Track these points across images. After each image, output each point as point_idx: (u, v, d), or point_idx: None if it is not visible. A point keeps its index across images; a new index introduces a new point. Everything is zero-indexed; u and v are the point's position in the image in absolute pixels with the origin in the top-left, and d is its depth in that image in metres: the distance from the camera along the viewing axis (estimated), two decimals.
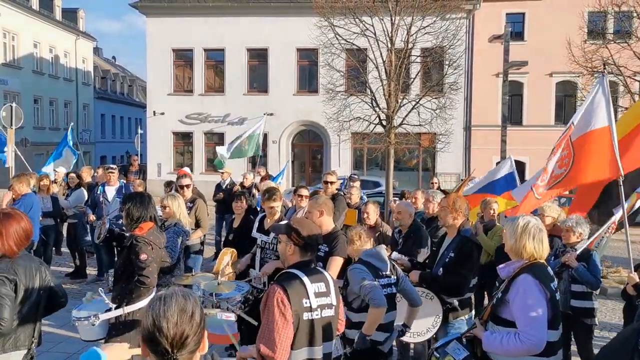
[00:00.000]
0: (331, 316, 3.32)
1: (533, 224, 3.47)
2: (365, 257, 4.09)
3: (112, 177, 9.25)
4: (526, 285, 3.29)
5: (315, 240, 3.35)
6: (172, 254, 5.46)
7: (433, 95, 14.04)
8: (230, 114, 28.12)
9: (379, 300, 3.87)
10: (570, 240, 5.61)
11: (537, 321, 3.24)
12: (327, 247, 4.97)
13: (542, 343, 3.23)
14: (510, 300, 3.33)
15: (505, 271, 3.49)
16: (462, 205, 4.99)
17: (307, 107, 26.24)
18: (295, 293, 3.13)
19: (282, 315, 3.08)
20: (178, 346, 1.79)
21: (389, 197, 13.09)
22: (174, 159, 29.27)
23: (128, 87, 53.28)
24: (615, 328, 7.84)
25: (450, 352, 3.54)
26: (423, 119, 13.50)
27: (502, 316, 3.41)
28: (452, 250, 4.93)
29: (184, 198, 7.15)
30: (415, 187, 24.24)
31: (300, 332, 3.14)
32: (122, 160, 43.40)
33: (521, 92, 26.56)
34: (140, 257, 4.37)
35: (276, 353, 3.06)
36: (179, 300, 1.83)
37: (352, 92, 15.04)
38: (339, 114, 14.19)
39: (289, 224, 3.48)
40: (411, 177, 27.33)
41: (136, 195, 4.83)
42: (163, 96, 28.52)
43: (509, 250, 3.53)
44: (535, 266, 3.39)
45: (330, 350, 3.34)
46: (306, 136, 28.94)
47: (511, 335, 3.28)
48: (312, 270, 3.34)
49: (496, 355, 3.42)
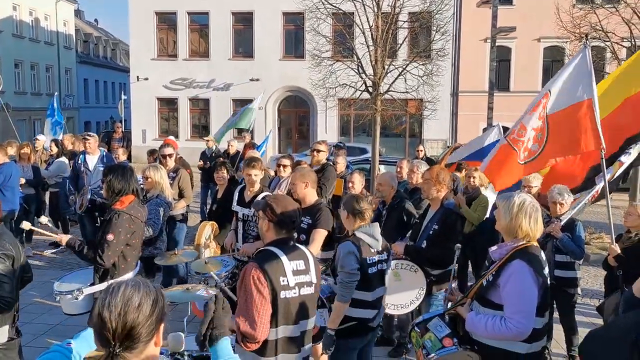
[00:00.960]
0: (310, 294, 3.30)
1: (529, 203, 3.37)
2: (359, 233, 4.01)
3: (89, 145, 9.00)
4: (520, 272, 3.21)
5: (290, 217, 3.28)
6: (155, 225, 5.40)
7: (420, 61, 13.85)
8: (216, 79, 27.75)
9: (346, 298, 3.85)
10: (561, 212, 5.61)
11: (527, 309, 3.20)
12: (310, 220, 4.93)
13: (528, 331, 3.20)
14: (501, 285, 3.26)
15: (497, 253, 3.40)
16: (445, 178, 4.97)
17: (293, 72, 25.92)
18: (272, 271, 3.11)
19: (259, 293, 3.06)
20: (121, 338, 1.75)
21: (375, 165, 13.04)
22: (159, 125, 28.96)
23: (111, 51, 52.23)
24: (597, 294, 7.96)
25: (432, 328, 3.48)
26: (410, 85, 13.34)
27: (489, 298, 3.35)
28: (435, 222, 4.93)
29: (167, 168, 7.05)
30: (402, 154, 24.28)
31: (277, 310, 3.12)
32: (106, 126, 42.85)
33: (509, 57, 26.40)
34: (107, 236, 4.28)
35: (256, 331, 3.05)
36: (126, 291, 1.79)
37: (338, 57, 14.79)
38: (325, 80, 13.99)
39: (265, 200, 3.43)
40: (398, 144, 27.32)
41: (117, 167, 4.73)
42: (146, 61, 28.02)
43: (502, 229, 3.42)
44: (529, 251, 3.31)
45: (308, 328, 3.33)
46: (292, 102, 28.70)
47: (497, 320, 3.23)
48: (291, 247, 3.31)
49: (477, 335, 3.39)
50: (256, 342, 3.09)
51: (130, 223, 4.42)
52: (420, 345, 3.48)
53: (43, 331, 6.18)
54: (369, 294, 4.01)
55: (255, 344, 3.10)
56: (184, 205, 7.44)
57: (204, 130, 27.31)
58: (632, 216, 5.40)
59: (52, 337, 5.95)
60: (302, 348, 3.29)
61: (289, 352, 3.21)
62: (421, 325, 3.56)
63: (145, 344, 1.80)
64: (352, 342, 4.00)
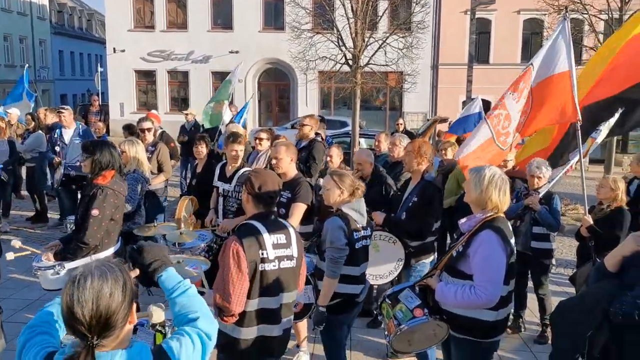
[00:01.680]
0: (291, 267, 3.36)
1: (499, 175, 3.46)
2: (346, 209, 4.02)
3: (64, 118, 8.82)
4: (489, 241, 3.30)
5: (268, 193, 3.32)
6: (132, 201, 5.38)
7: (400, 33, 13.80)
8: (194, 51, 27.35)
9: (335, 273, 3.89)
10: (538, 185, 5.70)
11: (495, 277, 3.28)
12: (290, 194, 4.96)
13: (496, 298, 3.29)
14: (471, 255, 3.34)
15: (466, 225, 3.48)
16: (427, 151, 4.99)
17: (273, 44, 25.64)
18: (251, 244, 3.16)
19: (236, 267, 3.11)
20: (98, 329, 1.74)
21: (355, 138, 13.07)
22: (137, 98, 28.56)
23: (87, 22, 51.01)
24: (570, 264, 8.15)
25: (403, 299, 3.54)
26: (390, 58, 13.33)
27: (459, 268, 3.43)
28: (415, 195, 4.96)
29: (146, 142, 6.98)
30: (383, 127, 24.31)
31: (255, 282, 3.18)
32: (83, 99, 42.09)
33: (489, 29, 26.39)
34: (92, 212, 4.26)
35: (231, 304, 3.11)
36: (94, 283, 1.75)
37: (318, 30, 14.67)
38: (305, 52, 13.90)
39: (247, 173, 3.47)
40: (378, 117, 27.34)
41: (104, 144, 4.69)
42: (123, 32, 27.47)
43: (472, 201, 3.49)
44: (497, 222, 3.39)
45: (288, 301, 3.38)
46: (272, 75, 28.44)
47: (466, 288, 3.32)
48: (272, 221, 3.35)
49: (448, 305, 3.47)
50: (232, 316, 3.16)
51: (115, 198, 4.42)
52: (392, 316, 3.55)
53: (22, 307, 6.17)
54: (357, 269, 4.06)
55: (231, 317, 3.16)
56: (163, 180, 7.40)
57: (183, 104, 27.04)
58: (605, 188, 5.51)
59: (31, 313, 5.94)
60: (282, 320, 3.35)
61: (268, 322, 3.27)
62: (392, 297, 3.62)
63: (122, 328, 1.81)
64: (342, 317, 4.06)
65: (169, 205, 8.80)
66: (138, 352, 1.86)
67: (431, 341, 3.64)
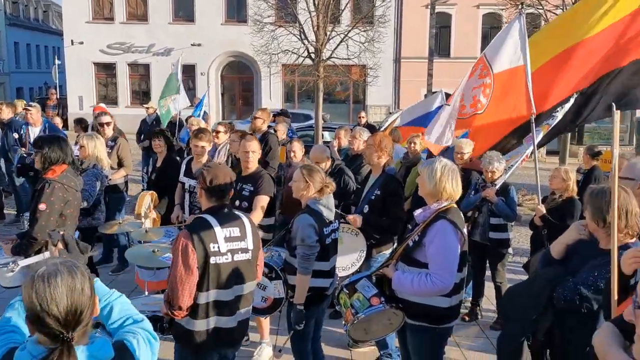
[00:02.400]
0: (245, 260, 3.39)
1: (450, 166, 3.58)
2: (314, 205, 4.03)
3: (31, 116, 8.63)
4: (444, 230, 3.41)
5: (219, 187, 3.35)
6: (89, 197, 5.32)
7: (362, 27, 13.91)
8: (155, 44, 26.93)
9: (308, 270, 3.92)
10: (493, 178, 5.86)
11: (449, 265, 3.40)
12: (252, 187, 4.99)
13: (451, 285, 3.40)
14: (427, 244, 3.45)
15: (422, 216, 3.57)
16: (387, 145, 5.06)
17: (236, 37, 25.44)
18: (201, 238, 3.19)
19: (184, 263, 3.15)
20: (73, 325, 1.76)
21: (318, 131, 13.14)
22: (97, 92, 27.98)
23: (43, 13, 49.57)
24: (527, 253, 8.37)
25: (360, 289, 3.61)
26: (352, 52, 13.43)
27: (415, 257, 3.53)
28: (377, 188, 5.03)
29: (105, 137, 6.88)
30: (346, 120, 24.45)
31: (207, 275, 3.21)
32: (40, 92, 40.97)
33: (449, 24, 26.77)
34: (39, 206, 4.19)
35: (179, 300, 3.16)
36: (65, 279, 1.76)
37: (281, 23, 14.66)
38: (267, 46, 13.87)
39: (200, 168, 3.52)
40: (342, 110, 27.47)
41: (53, 138, 4.61)
42: (81, 24, 26.84)
43: (427, 193, 3.58)
44: (451, 212, 3.51)
45: (244, 293, 3.42)
46: (236, 68, 28.24)
47: (422, 276, 3.42)
48: (225, 214, 3.38)
49: (403, 293, 3.56)
50: (180, 310, 3.20)
51: (64, 192, 4.32)
52: (349, 305, 3.62)
53: None
54: (327, 264, 4.10)
55: (180, 311, 3.20)
56: (124, 175, 7.33)
57: (145, 97, 26.61)
58: (557, 179, 5.71)
59: None
60: (237, 312, 3.40)
61: (221, 314, 3.32)
62: (349, 287, 3.69)
63: (88, 322, 1.83)
64: (311, 311, 4.09)
65: (129, 201, 8.71)
66: (100, 347, 1.87)
67: (387, 329, 3.74)
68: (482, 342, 5.66)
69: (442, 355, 3.79)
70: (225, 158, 6.58)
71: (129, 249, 4.76)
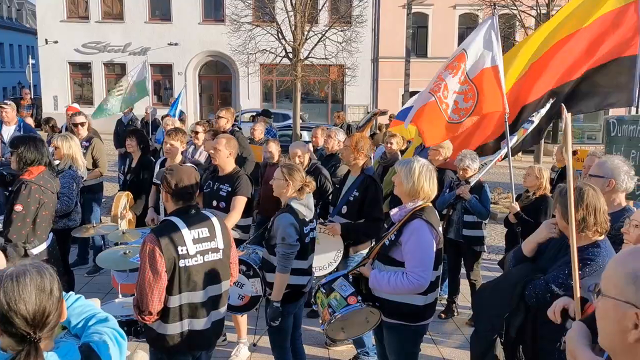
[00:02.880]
0: (217, 260, 3.38)
1: (427, 166, 3.62)
2: (295, 205, 4.04)
3: (6, 114, 8.45)
4: (420, 229, 3.45)
5: (185, 189, 3.32)
6: (69, 201, 5.27)
7: (339, 27, 13.96)
8: (132, 43, 26.65)
9: (287, 269, 3.94)
10: (466, 176, 5.94)
11: (426, 263, 3.44)
12: (229, 187, 4.99)
13: (427, 283, 3.45)
14: (403, 242, 3.48)
15: (397, 215, 3.60)
16: (364, 146, 5.07)
17: (214, 37, 25.32)
18: (168, 241, 3.16)
19: (151, 267, 3.12)
20: (40, 326, 1.74)
21: (296, 131, 13.14)
22: (72, 91, 27.61)
23: (16, 12, 48.75)
24: (502, 251, 8.49)
25: (337, 288, 3.63)
26: (329, 51, 13.46)
27: (391, 256, 3.55)
28: (355, 189, 5.05)
29: (79, 137, 6.80)
30: (325, 120, 24.49)
31: (177, 278, 3.18)
32: (14, 92, 40.25)
33: (426, 24, 26.97)
34: (15, 207, 4.16)
35: (148, 305, 3.13)
36: (34, 279, 1.74)
37: (258, 23, 14.63)
38: (245, 45, 13.83)
39: (163, 171, 3.48)
40: (321, 110, 27.50)
41: (29, 138, 4.56)
42: (55, 23, 26.46)
43: (403, 192, 3.60)
44: (426, 211, 3.54)
45: (218, 292, 3.42)
46: (213, 67, 28.09)
47: (399, 275, 3.45)
48: (193, 216, 3.35)
49: (380, 292, 3.58)
50: (150, 315, 3.18)
51: (40, 194, 4.30)
52: (326, 304, 3.64)
53: None
54: (305, 262, 4.13)
55: (150, 316, 3.18)
56: (99, 175, 7.26)
57: None
58: (530, 176, 5.81)
59: None
60: (212, 312, 3.38)
61: (195, 316, 3.30)
62: (326, 286, 3.72)
63: (55, 326, 1.81)
64: (288, 308, 4.11)
65: (105, 201, 8.62)
66: (67, 352, 1.85)
67: (364, 328, 3.77)
68: (458, 339, 5.72)
69: (418, 353, 3.83)
70: (205, 158, 6.55)
71: (100, 254, 4.72)
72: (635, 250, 1.36)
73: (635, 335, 1.25)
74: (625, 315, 1.27)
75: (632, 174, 3.57)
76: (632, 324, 1.25)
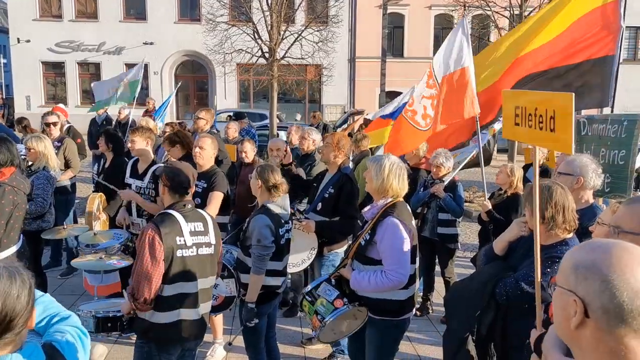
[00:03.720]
0: (209, 254, 3.50)
1: (397, 164, 3.65)
2: (271, 206, 4.05)
3: None
4: (393, 227, 3.49)
5: (182, 183, 3.49)
6: (44, 202, 5.20)
7: (316, 27, 13.98)
8: (106, 42, 26.34)
9: (262, 270, 3.96)
10: (439, 174, 6.01)
11: (403, 260, 3.49)
12: (205, 183, 5.00)
13: (406, 279, 3.50)
14: (378, 241, 3.52)
15: (370, 213, 3.65)
16: (345, 145, 5.09)
17: (189, 36, 25.15)
18: (168, 231, 3.28)
19: (152, 256, 3.22)
20: (1, 330, 1.72)
21: (273, 131, 13.13)
22: (45, 91, 27.19)
23: None
24: (476, 248, 8.60)
25: (322, 294, 3.66)
26: (306, 51, 13.47)
27: (369, 255, 3.60)
28: (331, 186, 5.06)
29: (52, 137, 6.71)
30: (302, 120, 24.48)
31: (173, 268, 3.29)
32: None
33: (402, 24, 27.15)
34: None
35: (144, 292, 3.22)
36: (3, 282, 1.72)
37: (234, 22, 14.57)
38: (221, 45, 13.76)
39: (162, 167, 3.67)
40: (298, 109, 27.48)
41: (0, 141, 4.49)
42: (27, 21, 26.03)
43: (373, 189, 3.65)
44: (398, 207, 3.58)
45: (206, 286, 3.51)
46: (190, 67, 27.91)
47: (378, 274, 3.50)
48: (189, 210, 3.48)
49: (362, 291, 3.63)
50: (147, 304, 3.24)
51: (14, 195, 4.28)
52: (314, 312, 3.66)
53: None
54: (280, 263, 4.15)
55: (146, 305, 3.25)
56: (72, 176, 7.16)
57: None
58: (502, 174, 5.89)
59: None
60: (200, 304, 3.46)
61: (186, 307, 3.39)
62: (310, 294, 3.75)
63: (19, 332, 1.78)
64: (262, 308, 4.11)
65: (79, 202, 8.52)
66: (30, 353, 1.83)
67: (354, 325, 3.77)
68: (433, 336, 5.78)
69: (397, 348, 3.87)
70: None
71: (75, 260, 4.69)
72: (585, 244, 1.42)
73: (575, 321, 1.31)
74: (568, 303, 1.33)
75: (599, 172, 3.64)
76: (573, 311, 1.31)
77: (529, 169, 7.56)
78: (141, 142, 5.41)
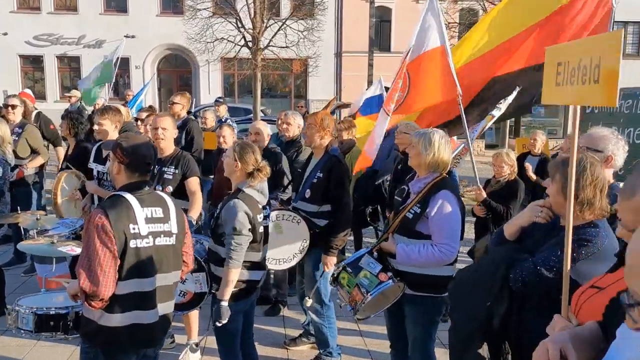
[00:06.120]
0: (170, 245, 2.95)
1: (445, 137, 3.58)
2: (248, 190, 3.61)
3: None
4: (449, 200, 3.43)
5: (144, 158, 2.90)
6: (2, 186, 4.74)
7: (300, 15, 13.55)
8: (86, 35, 25.69)
9: (239, 262, 3.53)
10: None
11: (455, 234, 3.46)
12: (174, 169, 4.54)
13: (455, 254, 3.48)
14: (430, 215, 3.43)
15: (417, 186, 3.56)
16: (330, 124, 4.62)
17: (172, 29, 24.51)
18: (118, 217, 2.72)
19: (103, 244, 2.68)
20: None
21: None
22: (23, 85, 26.34)
23: None
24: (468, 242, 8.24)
25: (365, 266, 3.55)
26: (290, 40, 13.02)
27: (417, 230, 3.49)
28: (319, 170, 4.56)
29: (11, 121, 6.22)
30: None
31: (126, 261, 2.75)
32: None
33: (390, 18, 26.84)
34: None
35: (99, 288, 2.66)
36: None
37: (215, 9, 14.09)
38: (201, 34, 13.27)
39: (114, 140, 3.04)
40: (284, 104, 26.94)
41: None
42: (4, 14, 25.33)
43: (422, 163, 3.51)
44: (447, 181, 3.54)
45: (166, 283, 2.96)
46: (173, 61, 27.36)
47: (428, 247, 3.43)
48: (146, 192, 2.91)
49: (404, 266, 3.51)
50: (100, 300, 2.71)
51: None
52: (355, 284, 3.53)
53: None
54: (258, 254, 3.72)
55: (100, 302, 2.71)
56: (42, 162, 6.67)
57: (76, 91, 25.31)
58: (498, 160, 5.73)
59: None
60: (159, 305, 2.92)
61: (141, 308, 2.85)
62: (352, 265, 3.62)
63: None
64: (237, 305, 3.66)
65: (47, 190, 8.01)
66: None
67: (384, 303, 3.63)
68: None
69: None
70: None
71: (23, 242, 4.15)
72: None
73: None
74: None
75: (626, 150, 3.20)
76: None
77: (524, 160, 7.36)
78: (109, 124, 4.93)
